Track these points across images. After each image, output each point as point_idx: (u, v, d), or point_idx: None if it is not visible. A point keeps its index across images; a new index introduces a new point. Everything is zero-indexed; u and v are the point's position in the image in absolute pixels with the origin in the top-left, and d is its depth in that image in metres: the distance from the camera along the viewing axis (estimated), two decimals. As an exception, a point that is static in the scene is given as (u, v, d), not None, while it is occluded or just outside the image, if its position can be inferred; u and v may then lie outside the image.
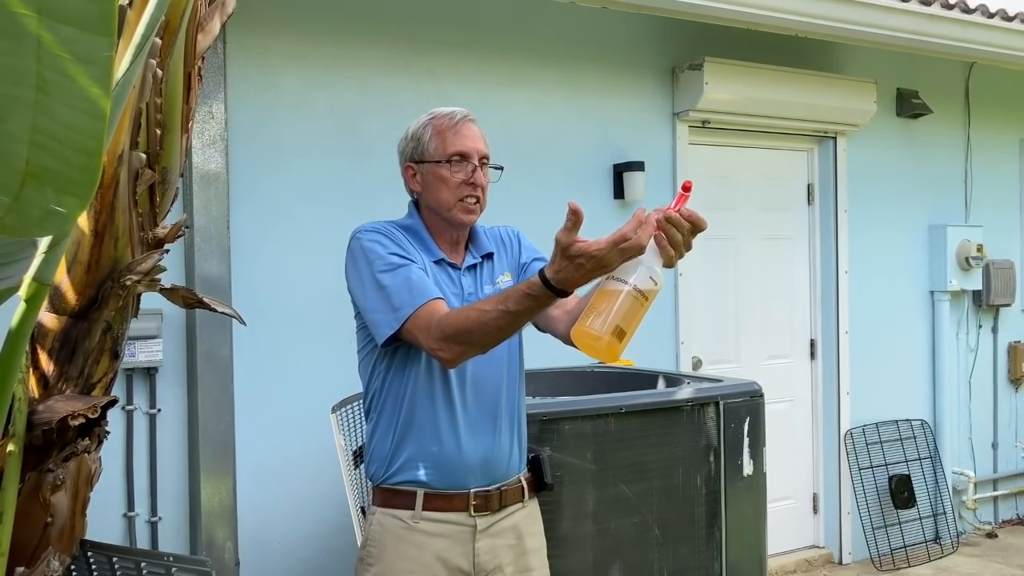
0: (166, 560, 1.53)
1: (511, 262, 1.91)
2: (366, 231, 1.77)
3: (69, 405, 1.43)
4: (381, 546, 1.75)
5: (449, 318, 1.63)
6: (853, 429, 4.41)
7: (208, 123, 2.92)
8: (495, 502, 1.76)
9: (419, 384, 1.73)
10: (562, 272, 1.51)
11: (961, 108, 4.83)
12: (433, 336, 1.62)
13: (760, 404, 2.70)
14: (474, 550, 1.74)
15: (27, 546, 1.42)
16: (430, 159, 1.78)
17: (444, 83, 3.39)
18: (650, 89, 3.88)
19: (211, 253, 2.94)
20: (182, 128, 1.57)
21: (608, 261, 1.50)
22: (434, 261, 1.79)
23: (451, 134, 1.78)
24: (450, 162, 1.77)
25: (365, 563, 1.77)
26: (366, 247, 1.74)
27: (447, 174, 1.77)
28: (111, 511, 2.82)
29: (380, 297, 1.69)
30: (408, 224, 1.83)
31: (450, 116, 1.80)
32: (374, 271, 1.71)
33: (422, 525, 1.73)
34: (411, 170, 1.82)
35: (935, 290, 4.70)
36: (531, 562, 1.82)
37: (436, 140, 1.78)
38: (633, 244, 1.49)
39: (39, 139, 0.94)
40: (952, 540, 4.60)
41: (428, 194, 1.80)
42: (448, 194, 1.78)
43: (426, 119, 1.82)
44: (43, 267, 1.15)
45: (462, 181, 1.77)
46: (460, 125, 1.79)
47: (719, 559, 2.59)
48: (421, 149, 1.79)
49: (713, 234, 4.09)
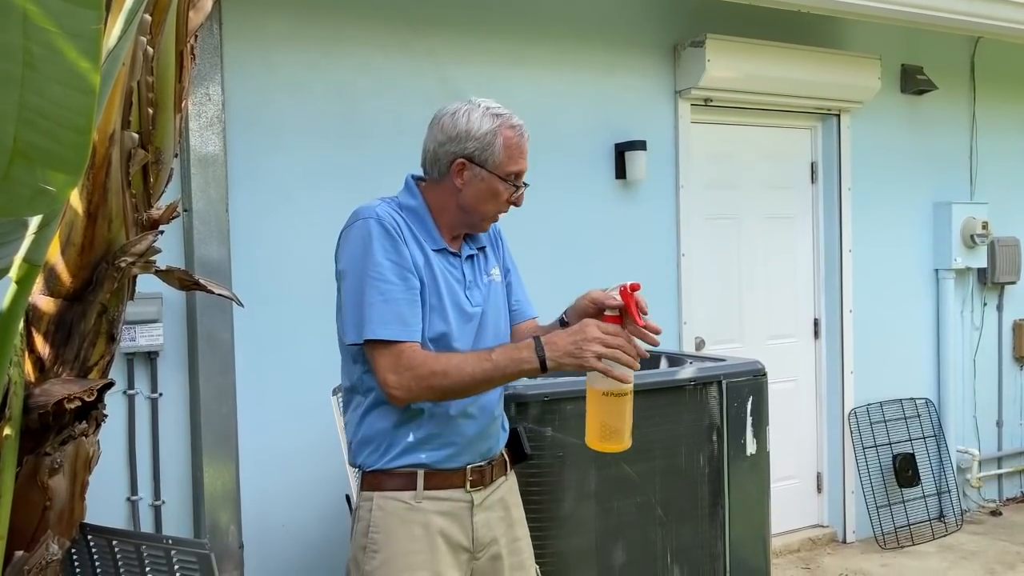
0: (165, 543, 1.53)
1: (498, 258, 1.93)
2: (375, 220, 1.69)
3: (66, 388, 1.42)
4: (387, 531, 1.71)
5: (428, 363, 1.63)
6: (857, 408, 4.40)
7: (205, 105, 2.90)
8: (488, 476, 1.79)
9: None
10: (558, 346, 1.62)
11: (966, 84, 4.78)
12: (400, 375, 1.62)
13: (763, 383, 2.69)
14: (472, 525, 1.75)
15: (26, 530, 1.42)
16: (492, 169, 1.75)
17: (444, 63, 3.36)
18: (652, 67, 3.84)
19: (210, 236, 2.93)
20: (175, 107, 1.55)
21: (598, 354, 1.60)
22: (436, 250, 1.76)
23: (517, 152, 1.76)
24: (508, 179, 1.76)
25: (369, 551, 1.72)
26: (369, 242, 1.67)
27: (501, 189, 1.76)
28: (114, 495, 2.82)
29: (360, 303, 1.65)
30: (412, 206, 1.78)
31: (519, 131, 1.77)
32: (367, 272, 1.66)
33: (424, 504, 1.72)
34: (462, 166, 1.75)
35: (940, 268, 4.67)
36: (518, 532, 1.86)
37: (504, 153, 1.75)
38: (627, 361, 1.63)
39: (27, 116, 0.92)
40: (956, 518, 4.60)
41: (469, 196, 1.76)
42: (492, 207, 1.78)
43: (494, 124, 1.75)
44: (34, 248, 1.13)
45: (508, 199, 1.78)
46: (524, 143, 1.78)
47: (722, 538, 2.59)
48: (485, 155, 1.74)
49: (716, 213, 4.11)
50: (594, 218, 3.69)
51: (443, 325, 1.72)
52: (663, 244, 3.87)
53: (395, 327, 1.63)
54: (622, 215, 3.76)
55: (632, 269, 3.78)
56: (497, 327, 1.86)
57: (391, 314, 1.63)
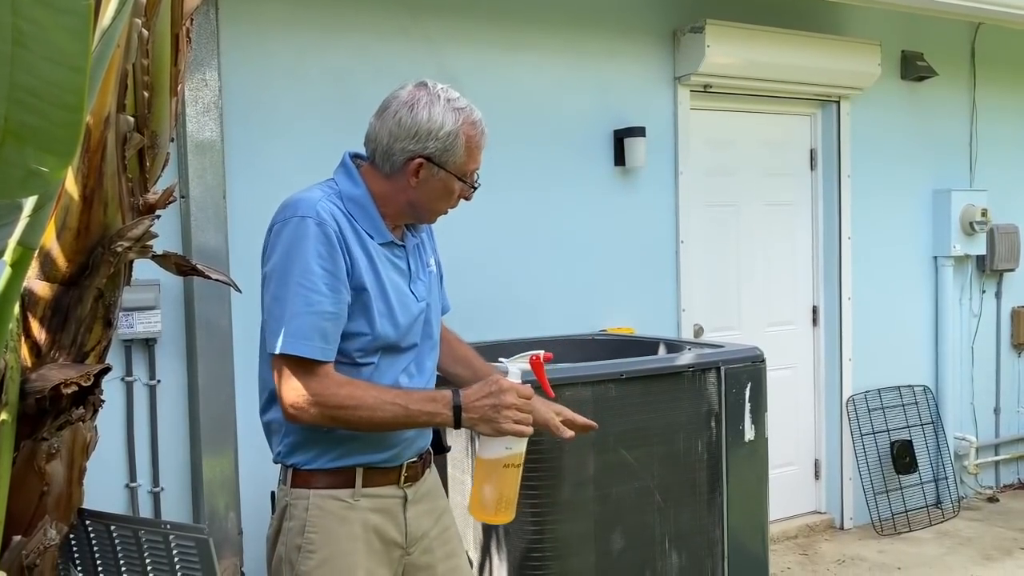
0: (164, 528, 1.53)
1: (430, 246, 1.87)
2: (313, 221, 1.57)
3: (62, 373, 1.42)
4: (325, 531, 1.63)
5: (339, 395, 1.54)
6: (855, 395, 4.40)
7: (202, 91, 2.88)
8: (419, 471, 1.76)
9: (376, 371, 1.65)
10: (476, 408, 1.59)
11: (967, 70, 4.76)
12: (304, 398, 1.53)
13: (762, 369, 2.69)
14: (405, 520, 1.71)
15: (24, 515, 1.42)
16: (451, 170, 1.66)
17: (441, 48, 3.34)
18: (651, 53, 3.82)
19: (208, 223, 2.91)
20: (171, 91, 1.54)
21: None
22: (382, 243, 1.67)
23: (477, 151, 1.69)
24: (466, 178, 1.69)
25: (305, 551, 1.63)
26: (304, 244, 1.55)
27: (457, 188, 1.69)
28: (113, 482, 2.82)
29: (283, 312, 1.55)
30: (354, 195, 1.66)
31: (480, 128, 1.68)
32: (297, 279, 1.54)
33: (362, 502, 1.66)
34: (420, 165, 1.64)
35: (939, 255, 4.67)
36: (446, 521, 1.84)
37: (464, 153, 1.66)
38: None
39: (17, 95, 0.91)
40: (953, 504, 4.61)
41: (423, 195, 1.67)
42: (445, 204, 1.72)
43: (457, 123, 1.63)
44: (28, 231, 1.12)
45: (459, 196, 1.72)
46: (483, 139, 1.70)
47: (720, 524, 2.59)
48: (447, 156, 1.64)
49: (715, 200, 4.10)
50: (593, 205, 3.68)
51: (392, 330, 1.64)
52: (662, 231, 3.86)
53: (316, 344, 1.53)
54: (621, 202, 3.75)
55: (631, 256, 3.78)
56: (438, 321, 1.83)
57: (315, 329, 1.53)
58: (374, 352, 1.64)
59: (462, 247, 3.36)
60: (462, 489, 2.47)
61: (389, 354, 1.67)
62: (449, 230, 3.35)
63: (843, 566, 3.95)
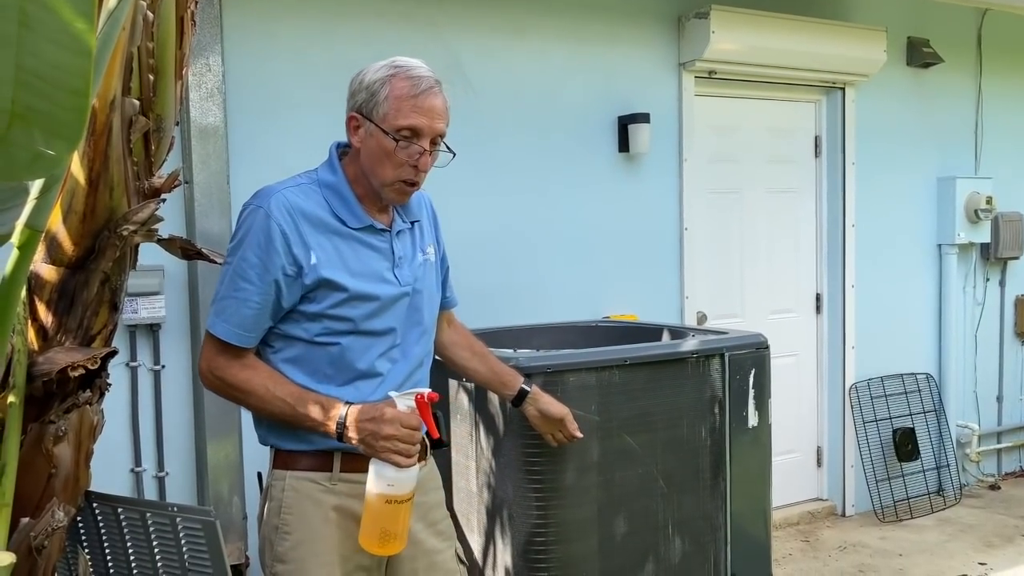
0: (171, 511, 1.54)
1: (430, 234, 1.82)
2: (264, 213, 1.59)
3: (69, 356, 1.42)
4: (299, 513, 1.63)
5: (238, 377, 1.59)
6: (858, 383, 4.40)
7: (205, 76, 2.87)
8: None
9: (351, 350, 1.64)
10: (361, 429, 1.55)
11: (973, 57, 4.74)
12: (212, 369, 1.61)
13: (765, 356, 2.69)
14: None
15: (32, 497, 1.43)
16: (378, 122, 1.60)
17: (445, 33, 3.33)
18: (655, 39, 3.80)
19: (211, 209, 2.91)
20: (176, 74, 1.54)
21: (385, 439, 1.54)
22: (359, 228, 1.65)
23: (409, 105, 1.58)
24: (398, 139, 1.59)
25: (281, 532, 1.64)
26: (248, 234, 1.59)
27: (391, 147, 1.60)
28: (118, 466, 2.83)
29: (218, 292, 1.61)
30: (331, 182, 1.66)
31: (414, 81, 1.60)
32: (235, 264, 1.60)
33: (340, 487, 1.65)
34: (355, 121, 1.64)
35: (943, 243, 4.66)
36: (435, 515, 1.80)
37: (391, 105, 1.59)
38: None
39: (24, 78, 0.91)
40: (955, 492, 4.62)
41: (366, 158, 1.64)
42: (387, 170, 1.62)
43: (387, 72, 1.61)
44: (35, 213, 1.12)
45: (405, 162, 1.61)
46: (423, 96, 1.59)
47: (723, 510, 2.60)
48: (373, 106, 1.60)
49: (719, 187, 4.09)
50: (596, 192, 3.67)
51: (357, 312, 1.62)
52: (665, 218, 3.86)
53: (232, 329, 1.59)
54: (624, 189, 3.74)
55: (634, 243, 3.78)
56: (432, 310, 1.79)
57: (235, 315, 1.59)
58: (342, 334, 1.63)
59: (465, 233, 3.36)
60: (466, 474, 2.48)
61: (361, 337, 1.64)
62: (452, 215, 3.36)
63: (844, 552, 3.96)
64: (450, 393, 2.50)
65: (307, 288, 1.61)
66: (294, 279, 1.60)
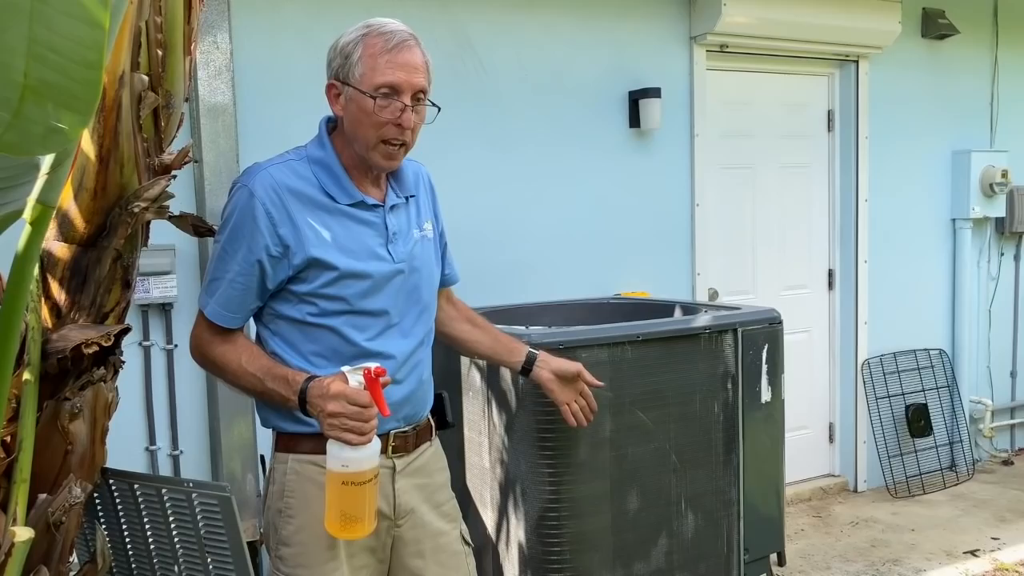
0: (186, 486, 1.54)
1: (428, 209, 1.77)
2: (249, 192, 1.57)
3: (83, 334, 1.42)
4: (302, 496, 1.61)
5: (216, 352, 1.62)
6: (871, 359, 4.39)
7: (213, 53, 2.85)
8: (411, 443, 1.70)
9: (346, 330, 1.61)
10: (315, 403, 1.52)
11: (989, 29, 4.66)
12: (197, 343, 1.65)
13: (778, 331, 2.68)
14: (394, 492, 1.66)
15: (49, 473, 1.43)
16: (355, 84, 1.56)
17: (454, 9, 3.29)
18: (666, 12, 3.76)
19: (221, 188, 2.90)
20: (185, 50, 1.52)
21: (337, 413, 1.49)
22: (350, 204, 1.61)
23: (383, 60, 1.55)
24: (376, 96, 1.55)
25: (285, 515, 1.63)
26: (234, 214, 1.57)
27: (371, 108, 1.55)
28: (134, 445, 2.85)
29: (209, 268, 1.63)
30: (319, 157, 1.62)
31: (386, 37, 1.56)
32: (222, 244, 1.59)
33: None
34: (335, 89, 1.61)
35: (957, 218, 4.62)
36: (440, 497, 1.77)
37: (366, 64, 1.55)
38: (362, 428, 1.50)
39: (37, 50, 0.90)
40: (968, 467, 4.61)
41: (348, 124, 1.60)
42: (370, 132, 1.57)
43: (359, 33, 1.58)
44: (47, 189, 1.12)
45: (387, 120, 1.56)
46: (397, 51, 1.55)
47: (736, 485, 2.60)
48: (349, 69, 1.57)
49: (730, 163, 4.05)
50: (607, 167, 3.65)
51: (350, 291, 1.60)
52: (677, 194, 3.83)
53: (219, 311, 1.60)
54: (636, 164, 3.72)
55: (645, 219, 3.75)
56: (431, 288, 1.75)
57: (221, 294, 1.60)
58: (336, 314, 1.60)
59: (475, 210, 3.35)
60: (479, 450, 2.49)
61: (357, 316, 1.61)
62: (461, 192, 3.35)
63: (857, 528, 3.96)
64: (462, 371, 2.50)
65: (296, 268, 1.58)
66: (279, 259, 1.57)
